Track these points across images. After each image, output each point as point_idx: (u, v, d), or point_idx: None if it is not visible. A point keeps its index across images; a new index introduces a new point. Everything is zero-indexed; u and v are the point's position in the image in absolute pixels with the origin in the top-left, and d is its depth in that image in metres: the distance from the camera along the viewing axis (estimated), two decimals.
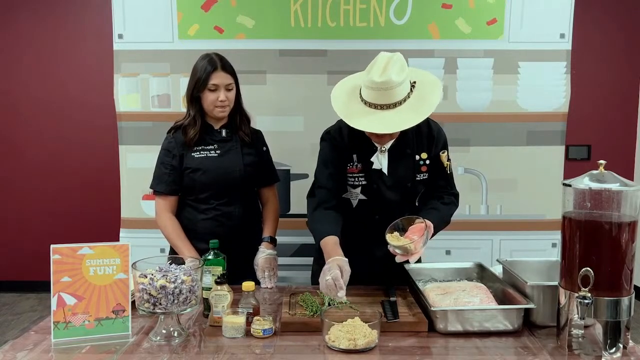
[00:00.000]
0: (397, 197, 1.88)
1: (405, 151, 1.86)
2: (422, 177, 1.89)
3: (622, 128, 4.24)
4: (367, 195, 1.88)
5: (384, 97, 1.67)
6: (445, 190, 1.93)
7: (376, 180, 1.86)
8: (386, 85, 1.65)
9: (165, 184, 2.01)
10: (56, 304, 1.46)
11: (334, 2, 2.63)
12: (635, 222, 1.33)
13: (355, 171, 1.87)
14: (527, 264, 1.78)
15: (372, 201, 1.88)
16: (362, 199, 1.89)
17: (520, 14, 2.65)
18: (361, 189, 1.88)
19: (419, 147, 1.87)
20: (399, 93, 1.67)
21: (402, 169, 1.86)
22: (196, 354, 1.39)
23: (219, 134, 2.04)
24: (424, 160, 1.88)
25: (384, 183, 1.86)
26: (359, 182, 1.87)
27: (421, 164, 1.88)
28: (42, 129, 4.29)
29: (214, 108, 1.96)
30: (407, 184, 1.88)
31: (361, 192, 1.88)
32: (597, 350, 1.35)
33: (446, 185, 1.94)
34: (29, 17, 4.18)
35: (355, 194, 1.89)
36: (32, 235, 4.33)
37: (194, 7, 2.63)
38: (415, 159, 1.87)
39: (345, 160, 1.87)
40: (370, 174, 1.86)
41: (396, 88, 1.66)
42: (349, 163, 1.87)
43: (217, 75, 1.93)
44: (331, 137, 1.89)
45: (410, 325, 1.54)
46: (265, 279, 1.96)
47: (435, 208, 1.87)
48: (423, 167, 1.88)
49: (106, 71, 3.01)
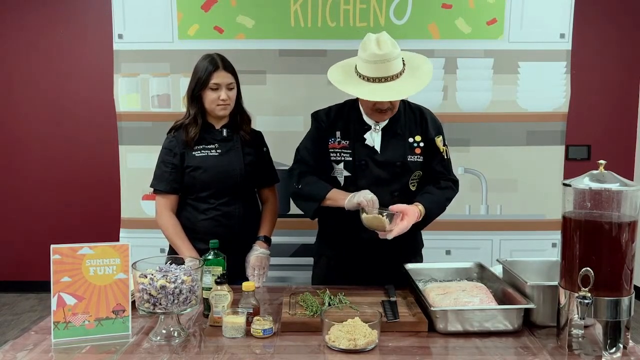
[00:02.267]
0: (386, 174, 1.91)
1: (397, 131, 1.92)
2: (416, 158, 1.93)
3: (622, 128, 4.24)
4: (351, 171, 1.91)
5: (382, 69, 1.74)
6: (443, 176, 1.97)
7: (365, 157, 1.90)
8: (386, 57, 1.73)
9: (166, 183, 2.01)
10: (56, 304, 1.46)
11: (334, 2, 2.63)
12: (635, 222, 1.33)
13: (336, 147, 1.92)
14: (527, 264, 1.78)
15: (359, 177, 1.91)
16: (347, 175, 1.92)
17: (520, 14, 2.65)
18: (344, 164, 1.92)
19: (411, 130, 1.93)
20: (395, 66, 1.75)
21: (392, 147, 1.91)
22: (196, 354, 1.39)
23: (219, 134, 2.04)
24: (418, 142, 1.93)
25: (374, 160, 1.90)
26: (342, 158, 1.92)
27: (415, 146, 1.93)
28: (42, 129, 4.29)
29: (215, 107, 1.97)
30: (397, 163, 1.91)
31: (345, 167, 1.92)
32: (597, 350, 1.35)
33: (443, 171, 1.97)
34: (29, 17, 4.18)
35: (340, 171, 1.93)
36: (32, 235, 4.33)
37: (194, 7, 2.63)
38: (407, 140, 1.92)
39: (328, 134, 1.94)
40: (361, 150, 1.90)
41: (393, 60, 1.74)
42: (331, 138, 1.93)
43: (219, 75, 1.95)
44: (318, 117, 1.98)
45: (410, 325, 1.54)
46: (254, 277, 1.98)
47: (428, 192, 1.91)
48: (417, 149, 1.93)
49: (106, 71, 3.01)
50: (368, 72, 1.77)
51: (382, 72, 1.75)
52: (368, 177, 1.90)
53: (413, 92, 1.78)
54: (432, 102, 2.71)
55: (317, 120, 1.98)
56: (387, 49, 1.73)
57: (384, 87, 1.75)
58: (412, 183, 1.95)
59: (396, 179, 1.92)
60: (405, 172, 1.92)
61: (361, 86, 1.78)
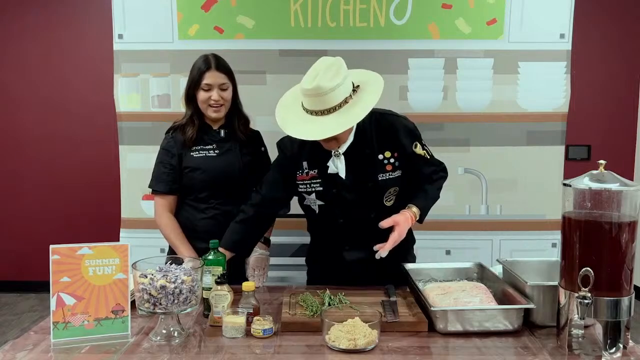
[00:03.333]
0: (358, 198, 1.84)
1: (364, 151, 1.82)
2: (388, 176, 1.83)
3: (622, 128, 4.24)
4: (325, 201, 1.87)
5: (317, 103, 1.66)
6: (434, 173, 1.91)
7: (334, 185, 1.84)
8: (317, 92, 1.63)
9: (164, 184, 2.01)
10: (55, 304, 1.46)
11: (334, 2, 2.63)
12: (635, 222, 1.33)
13: (306, 178, 1.86)
14: (527, 264, 1.78)
15: (333, 206, 1.87)
16: (320, 204, 1.88)
17: (520, 14, 2.65)
18: (316, 194, 1.86)
19: (381, 146, 1.83)
20: (332, 98, 1.65)
21: (361, 169, 1.82)
22: (196, 354, 1.39)
23: (217, 134, 2.04)
24: (388, 159, 1.83)
25: (343, 186, 1.83)
26: (312, 189, 1.86)
27: (385, 163, 1.83)
28: (42, 129, 4.29)
29: (207, 107, 1.96)
30: (368, 184, 1.83)
31: (317, 197, 1.87)
32: (597, 350, 1.35)
33: (432, 169, 1.90)
34: (29, 17, 4.18)
35: (312, 200, 1.88)
36: (32, 235, 4.32)
37: (194, 7, 2.63)
38: (377, 158, 1.82)
39: (294, 169, 1.87)
40: (327, 179, 1.84)
41: (329, 94, 1.63)
42: (298, 171, 1.87)
43: (211, 75, 1.93)
44: (283, 145, 1.92)
45: (410, 325, 1.54)
46: (254, 277, 1.98)
47: (421, 189, 1.87)
48: (388, 166, 1.83)
49: (106, 71, 3.01)
50: (305, 103, 1.70)
51: (317, 105, 1.66)
52: (341, 204, 1.85)
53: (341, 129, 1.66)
54: (432, 102, 2.72)
55: (282, 150, 1.92)
56: (320, 82, 1.62)
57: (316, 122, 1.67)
58: (387, 199, 1.87)
59: (370, 201, 1.86)
60: (378, 192, 1.84)
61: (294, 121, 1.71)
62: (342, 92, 1.67)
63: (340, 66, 1.67)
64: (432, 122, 2.70)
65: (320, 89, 1.63)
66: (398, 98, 2.69)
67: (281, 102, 1.82)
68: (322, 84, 1.62)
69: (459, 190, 2.75)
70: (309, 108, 1.69)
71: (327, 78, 1.64)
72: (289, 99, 1.81)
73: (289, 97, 1.83)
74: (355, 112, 1.66)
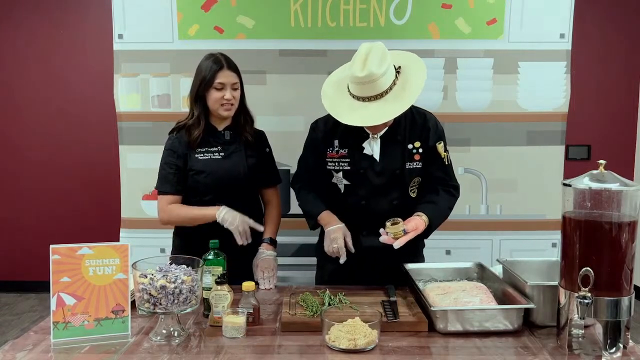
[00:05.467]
0: (385, 183, 1.90)
1: (396, 138, 1.89)
2: (415, 165, 1.90)
3: (622, 128, 4.24)
4: (351, 180, 1.91)
5: (368, 89, 1.71)
6: (444, 182, 1.94)
7: (364, 166, 1.89)
8: (368, 79, 1.69)
9: (171, 185, 2.00)
10: (56, 304, 1.46)
11: (334, 2, 2.63)
12: (635, 222, 1.33)
13: (335, 156, 1.91)
14: (527, 264, 1.78)
15: (358, 186, 1.91)
16: (347, 183, 1.92)
17: (520, 14, 2.65)
18: (343, 173, 1.91)
19: (412, 136, 1.90)
20: (382, 84, 1.71)
21: (392, 155, 1.89)
22: (196, 354, 1.39)
23: (222, 136, 2.03)
24: (417, 148, 1.90)
25: (373, 169, 1.89)
26: (340, 167, 1.91)
27: (414, 152, 1.90)
28: (42, 129, 4.29)
29: (220, 107, 1.95)
30: (396, 171, 1.89)
31: (344, 176, 1.92)
32: (597, 350, 1.35)
33: (444, 177, 1.95)
34: (29, 17, 4.18)
35: (340, 179, 1.93)
36: (32, 235, 4.33)
37: (194, 7, 2.63)
38: (407, 147, 1.89)
39: (325, 145, 1.93)
40: (359, 159, 1.89)
41: (379, 80, 1.69)
42: (329, 148, 1.92)
43: (223, 74, 1.93)
44: (317, 127, 1.97)
45: (410, 325, 1.54)
46: (264, 280, 1.95)
47: (432, 201, 1.89)
48: (416, 156, 1.90)
49: (106, 71, 3.01)
50: (354, 90, 1.75)
51: (367, 91, 1.72)
52: (367, 186, 1.90)
53: (395, 114, 1.73)
54: (432, 102, 2.72)
55: (315, 131, 1.97)
56: (371, 69, 1.68)
57: (369, 107, 1.73)
58: (412, 189, 1.95)
59: (395, 187, 1.91)
60: (404, 180, 1.91)
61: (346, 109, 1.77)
62: (389, 77, 1.73)
63: (383, 51, 1.73)
64: None
65: (373, 76, 1.68)
66: None
67: (325, 92, 1.87)
68: (373, 71, 1.68)
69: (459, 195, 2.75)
70: (359, 95, 1.74)
71: (376, 64, 1.69)
72: (331, 88, 1.87)
73: (330, 86, 1.88)
74: (406, 96, 1.73)
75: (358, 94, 1.74)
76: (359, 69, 1.69)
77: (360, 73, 1.68)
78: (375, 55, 1.70)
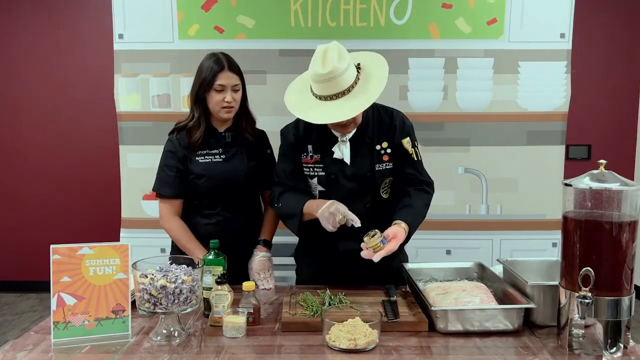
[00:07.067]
0: (356, 187, 1.86)
1: (365, 140, 1.85)
2: (384, 166, 1.86)
3: (622, 127, 4.24)
4: (325, 186, 1.88)
5: (331, 87, 1.67)
6: (416, 180, 1.89)
7: (335, 171, 1.86)
8: (331, 75, 1.65)
9: (170, 187, 1.97)
10: (56, 304, 1.46)
11: (334, 2, 2.63)
12: (635, 222, 1.33)
13: (309, 161, 1.88)
14: (528, 263, 1.78)
15: (331, 192, 1.88)
16: (321, 190, 1.90)
17: (520, 14, 2.65)
18: (317, 179, 1.88)
19: (380, 137, 1.86)
20: (345, 80, 1.67)
21: (361, 158, 1.85)
22: (196, 354, 1.39)
23: (223, 138, 2.00)
24: (385, 149, 1.86)
25: (344, 173, 1.86)
26: (315, 173, 1.88)
27: (382, 153, 1.86)
28: (42, 129, 4.29)
29: (220, 109, 1.91)
30: (367, 174, 1.85)
31: (318, 182, 1.89)
32: (598, 350, 1.35)
33: (415, 174, 1.89)
34: (29, 17, 4.18)
35: (314, 185, 1.90)
36: (33, 235, 4.33)
37: (194, 7, 2.63)
38: (375, 148, 1.85)
39: (300, 150, 1.88)
40: (330, 164, 1.85)
41: (341, 76, 1.66)
42: (303, 153, 1.88)
43: (224, 76, 1.89)
44: (287, 131, 1.93)
45: (411, 325, 1.54)
46: (261, 280, 1.94)
47: (407, 205, 1.83)
48: (385, 157, 1.86)
49: (106, 71, 3.01)
50: (317, 90, 1.71)
51: (331, 89, 1.67)
52: (340, 191, 1.86)
53: (361, 109, 1.68)
54: (432, 102, 2.72)
55: (286, 136, 1.92)
56: (332, 66, 1.64)
57: (334, 104, 1.68)
58: (384, 190, 1.90)
59: (367, 190, 1.88)
60: (375, 182, 1.87)
61: (311, 108, 1.72)
62: (351, 74, 1.69)
63: (340, 48, 1.70)
64: (432, 122, 2.70)
65: (336, 71, 1.64)
66: (398, 98, 2.69)
67: (289, 92, 1.83)
68: (336, 65, 1.64)
69: (459, 190, 2.75)
70: (320, 94, 1.70)
71: (336, 59, 1.65)
72: (295, 88, 1.84)
73: (294, 87, 1.85)
74: (370, 90, 1.69)
75: (322, 93, 1.70)
76: (320, 66, 1.65)
77: (322, 70, 1.65)
78: (333, 52, 1.67)
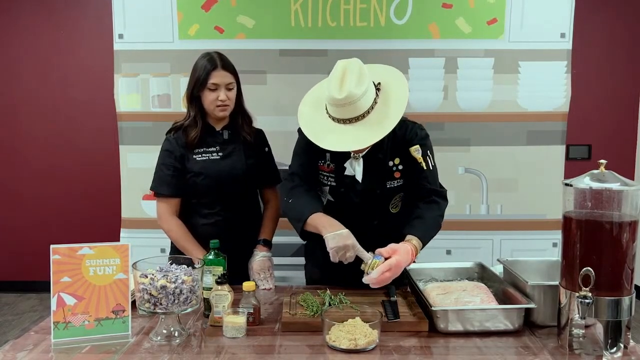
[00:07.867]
0: (365, 203, 1.82)
1: (377, 156, 1.78)
2: (396, 183, 1.81)
3: (622, 127, 4.24)
4: (334, 197, 1.85)
5: (347, 112, 1.60)
6: (424, 189, 1.80)
7: (346, 185, 1.81)
8: (347, 101, 1.57)
9: (168, 186, 1.97)
10: (56, 304, 1.46)
11: (334, 2, 2.63)
12: (636, 222, 1.33)
13: (325, 169, 1.83)
14: (528, 263, 1.78)
15: (339, 205, 1.84)
16: (330, 199, 1.86)
17: (521, 14, 2.65)
18: (329, 189, 1.85)
19: (393, 153, 1.79)
20: (362, 105, 1.60)
21: (373, 175, 1.79)
22: (197, 354, 1.39)
23: (220, 136, 2.01)
24: (397, 165, 1.79)
25: (354, 189, 1.81)
26: (328, 182, 1.84)
27: (394, 170, 1.80)
28: (42, 129, 4.29)
29: (214, 108, 1.92)
30: (377, 191, 1.81)
31: (329, 192, 1.85)
32: (598, 350, 1.35)
33: (424, 183, 1.80)
34: (29, 17, 4.18)
35: (325, 193, 1.87)
36: (33, 235, 4.33)
37: (194, 7, 2.63)
38: (387, 164, 1.79)
39: (318, 154, 1.81)
40: (342, 178, 1.81)
41: (358, 101, 1.58)
42: (321, 160, 1.82)
43: (217, 74, 1.90)
44: None
45: (411, 325, 1.54)
46: (262, 280, 1.94)
47: (418, 217, 1.75)
48: (396, 173, 1.80)
49: (106, 71, 3.01)
50: (333, 112, 1.64)
51: (346, 114, 1.60)
52: (348, 206, 1.82)
53: (377, 138, 1.60)
54: (432, 102, 2.72)
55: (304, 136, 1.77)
56: (348, 91, 1.55)
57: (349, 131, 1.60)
58: (393, 205, 1.87)
59: (376, 207, 1.84)
60: (384, 199, 1.83)
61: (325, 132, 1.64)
62: (369, 97, 1.62)
63: (360, 70, 1.61)
64: (432, 122, 2.69)
65: (352, 97, 1.57)
66: None
67: (302, 113, 1.75)
68: (352, 91, 1.56)
69: (459, 190, 2.75)
70: (338, 117, 1.63)
71: (354, 83, 1.58)
72: (309, 108, 1.75)
73: (308, 105, 1.76)
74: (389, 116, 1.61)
75: (337, 116, 1.63)
76: (337, 90, 1.58)
77: (338, 95, 1.57)
78: (352, 74, 1.58)
